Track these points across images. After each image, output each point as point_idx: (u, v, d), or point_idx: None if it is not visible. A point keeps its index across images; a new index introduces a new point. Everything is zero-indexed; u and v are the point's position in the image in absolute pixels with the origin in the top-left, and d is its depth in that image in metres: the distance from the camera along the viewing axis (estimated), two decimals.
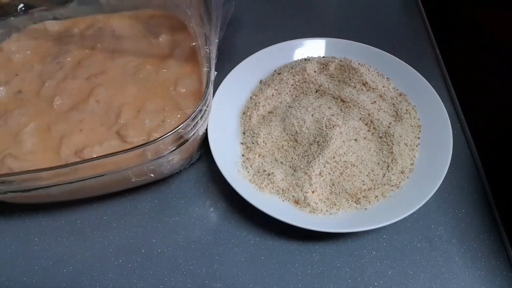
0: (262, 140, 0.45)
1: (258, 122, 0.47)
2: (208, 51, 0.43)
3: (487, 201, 0.44)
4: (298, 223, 0.39)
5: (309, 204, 0.41)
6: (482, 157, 0.47)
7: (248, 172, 0.43)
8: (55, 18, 0.52)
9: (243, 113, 0.48)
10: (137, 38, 0.51)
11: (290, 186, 0.42)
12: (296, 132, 0.45)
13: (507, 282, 0.40)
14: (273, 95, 0.49)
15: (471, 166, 0.47)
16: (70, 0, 0.51)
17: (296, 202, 0.41)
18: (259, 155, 0.44)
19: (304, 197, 0.41)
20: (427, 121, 0.46)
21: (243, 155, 0.45)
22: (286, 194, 0.42)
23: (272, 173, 0.43)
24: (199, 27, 0.46)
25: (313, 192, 0.41)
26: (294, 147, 0.45)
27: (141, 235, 0.43)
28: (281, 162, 0.44)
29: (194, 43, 0.50)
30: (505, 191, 0.44)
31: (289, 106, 0.47)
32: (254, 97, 0.49)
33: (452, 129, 0.45)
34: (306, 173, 0.42)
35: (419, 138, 0.45)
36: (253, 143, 0.45)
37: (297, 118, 0.45)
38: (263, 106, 0.48)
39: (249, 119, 0.47)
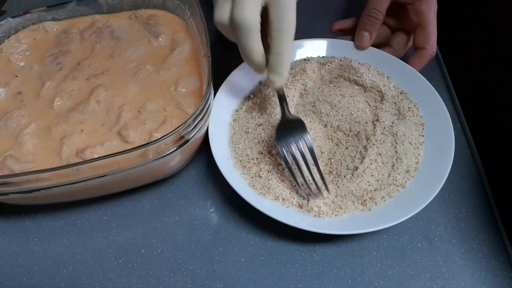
0: None
1: None
2: (208, 50, 0.43)
3: (488, 201, 0.44)
4: (304, 226, 0.39)
5: (312, 209, 0.40)
6: (482, 157, 0.47)
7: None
8: (54, 19, 0.52)
9: None
10: (136, 38, 0.51)
11: (292, 191, 0.42)
12: None
13: (507, 282, 0.40)
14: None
15: (471, 166, 0.47)
16: (69, 1, 0.51)
17: (300, 206, 0.41)
18: None
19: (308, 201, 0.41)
20: (430, 118, 0.46)
21: None
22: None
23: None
24: (199, 27, 0.46)
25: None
26: None
27: (141, 235, 0.43)
28: None
29: (194, 43, 0.50)
30: (505, 191, 0.44)
31: None
32: (253, 97, 0.49)
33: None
34: None
35: (423, 136, 0.45)
36: None
37: None
38: None
39: None
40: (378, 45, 0.52)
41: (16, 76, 0.48)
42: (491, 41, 0.53)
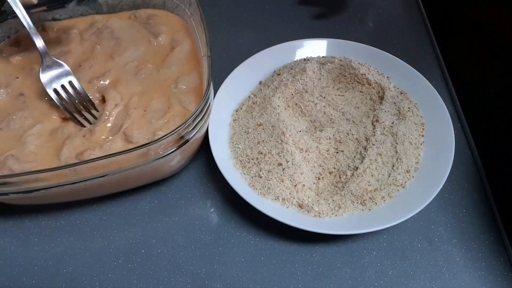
0: None
1: None
2: (208, 50, 0.43)
3: (488, 201, 0.44)
4: (303, 226, 0.39)
5: (313, 208, 0.41)
6: (482, 157, 0.47)
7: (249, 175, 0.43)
8: (54, 19, 0.52)
9: None
10: (136, 38, 0.51)
11: (293, 191, 0.42)
12: None
13: (507, 282, 0.40)
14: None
15: (471, 166, 0.47)
16: (69, 1, 0.51)
17: (300, 206, 0.41)
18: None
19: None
20: (430, 118, 0.46)
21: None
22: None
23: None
24: (199, 27, 0.46)
25: (317, 195, 0.41)
26: None
27: (141, 235, 0.43)
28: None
29: (194, 42, 0.50)
30: (505, 191, 0.44)
31: None
32: (253, 97, 0.49)
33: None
34: None
35: (423, 136, 0.45)
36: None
37: None
38: None
39: None
40: None
41: (17, 78, 0.48)
42: (491, 41, 0.53)
